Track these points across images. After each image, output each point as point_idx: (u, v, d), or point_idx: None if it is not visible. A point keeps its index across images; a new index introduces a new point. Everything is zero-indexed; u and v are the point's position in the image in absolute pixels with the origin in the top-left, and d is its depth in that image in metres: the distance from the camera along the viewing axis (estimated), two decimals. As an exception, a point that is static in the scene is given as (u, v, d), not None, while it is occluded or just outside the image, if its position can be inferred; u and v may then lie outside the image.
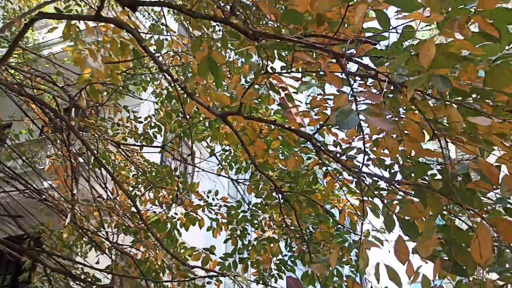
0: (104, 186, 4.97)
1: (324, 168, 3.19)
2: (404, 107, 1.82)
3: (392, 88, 1.69)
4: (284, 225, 3.85)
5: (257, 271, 4.85)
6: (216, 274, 4.17)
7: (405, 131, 1.66)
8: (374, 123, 1.32)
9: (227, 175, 4.93)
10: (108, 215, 4.69)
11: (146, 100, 5.52)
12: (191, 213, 5.01)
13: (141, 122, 5.56)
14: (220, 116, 3.15)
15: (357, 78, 2.23)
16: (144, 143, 5.52)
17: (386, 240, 3.31)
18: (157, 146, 4.91)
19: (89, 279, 4.72)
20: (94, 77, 3.64)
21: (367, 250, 4.11)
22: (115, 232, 4.62)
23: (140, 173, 5.31)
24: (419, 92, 1.60)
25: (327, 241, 3.57)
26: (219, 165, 5.43)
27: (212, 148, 5.21)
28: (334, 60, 2.21)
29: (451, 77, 1.52)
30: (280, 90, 2.99)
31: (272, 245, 4.72)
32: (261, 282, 4.84)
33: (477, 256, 1.34)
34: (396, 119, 1.57)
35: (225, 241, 4.90)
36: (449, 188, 1.48)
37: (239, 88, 2.87)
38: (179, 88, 3.19)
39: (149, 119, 5.45)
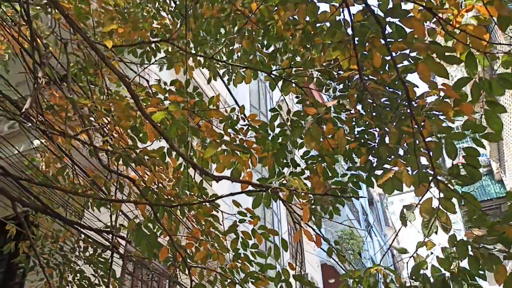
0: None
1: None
2: None
3: None
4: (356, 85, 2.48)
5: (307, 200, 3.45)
6: (256, 188, 2.82)
7: None
8: None
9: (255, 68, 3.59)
10: (102, 131, 3.39)
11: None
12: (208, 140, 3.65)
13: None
14: None
15: None
16: (145, 56, 4.26)
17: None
18: (162, 40, 3.59)
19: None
20: None
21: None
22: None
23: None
24: None
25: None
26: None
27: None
28: None
29: None
30: None
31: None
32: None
33: None
34: None
35: (259, 161, 3.54)
36: None
37: None
38: None
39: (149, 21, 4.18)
